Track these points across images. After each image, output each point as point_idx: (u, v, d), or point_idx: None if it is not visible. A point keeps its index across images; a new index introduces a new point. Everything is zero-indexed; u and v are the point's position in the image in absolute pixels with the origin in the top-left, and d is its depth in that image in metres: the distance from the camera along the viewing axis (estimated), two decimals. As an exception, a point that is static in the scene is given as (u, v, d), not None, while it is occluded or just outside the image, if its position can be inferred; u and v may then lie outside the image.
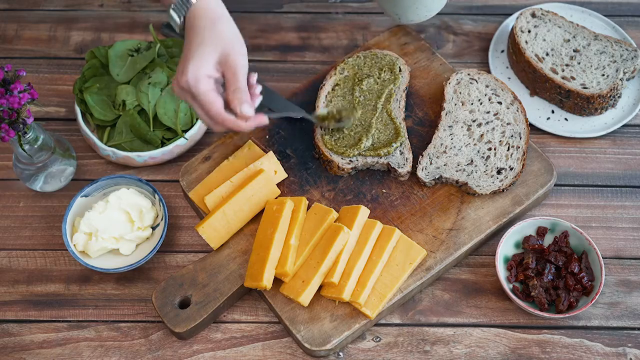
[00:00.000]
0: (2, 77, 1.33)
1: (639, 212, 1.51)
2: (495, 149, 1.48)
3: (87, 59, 1.57)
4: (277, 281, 1.38)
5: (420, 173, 1.46)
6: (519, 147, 1.48)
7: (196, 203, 1.46)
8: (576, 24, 1.63)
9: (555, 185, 1.53)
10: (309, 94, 1.58)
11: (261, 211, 1.45)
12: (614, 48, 1.59)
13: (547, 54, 1.60)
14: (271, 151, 1.49)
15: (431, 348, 1.38)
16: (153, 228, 1.46)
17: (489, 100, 1.53)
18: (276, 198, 1.45)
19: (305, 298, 1.34)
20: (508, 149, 1.48)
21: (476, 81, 1.55)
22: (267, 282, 1.34)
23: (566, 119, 1.59)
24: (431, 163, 1.47)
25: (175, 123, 1.51)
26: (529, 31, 1.62)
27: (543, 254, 1.42)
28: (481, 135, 1.50)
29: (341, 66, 1.57)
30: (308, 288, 1.34)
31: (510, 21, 1.70)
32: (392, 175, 1.49)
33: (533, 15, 1.64)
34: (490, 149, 1.48)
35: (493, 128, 1.50)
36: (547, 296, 1.38)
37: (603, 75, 1.57)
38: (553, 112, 1.60)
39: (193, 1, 1.28)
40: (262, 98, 1.55)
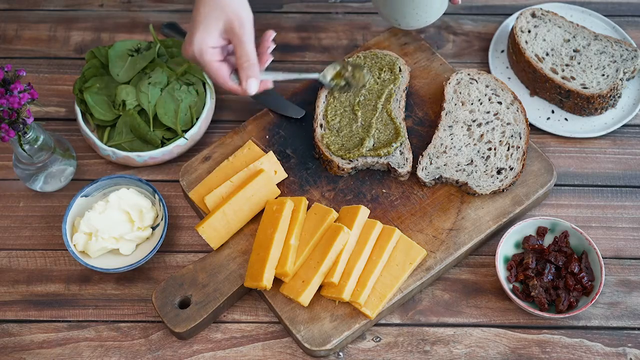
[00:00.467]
0: (2, 77, 1.33)
1: (639, 212, 1.51)
2: (495, 149, 1.48)
3: (87, 59, 1.57)
4: (277, 281, 1.38)
5: (420, 173, 1.46)
6: (519, 147, 1.48)
7: (196, 203, 1.46)
8: (576, 24, 1.63)
9: (555, 185, 1.53)
10: (309, 94, 1.58)
11: (261, 211, 1.45)
12: (614, 48, 1.59)
13: (547, 54, 1.60)
14: (271, 151, 1.49)
15: (431, 348, 1.38)
16: (153, 228, 1.46)
17: (489, 100, 1.53)
18: (276, 198, 1.45)
19: (305, 298, 1.34)
20: (508, 149, 1.48)
21: (476, 81, 1.55)
22: (267, 282, 1.34)
23: (566, 119, 1.59)
24: (431, 163, 1.47)
25: (175, 123, 1.51)
26: (529, 31, 1.62)
27: (543, 254, 1.42)
28: (481, 135, 1.50)
29: (341, 66, 1.57)
30: (308, 288, 1.34)
31: (510, 21, 1.70)
32: (392, 175, 1.49)
33: (533, 15, 1.63)
34: (490, 149, 1.48)
35: (493, 128, 1.50)
36: (547, 296, 1.38)
37: (603, 75, 1.57)
38: (553, 112, 1.60)
39: None
40: (262, 98, 1.56)
